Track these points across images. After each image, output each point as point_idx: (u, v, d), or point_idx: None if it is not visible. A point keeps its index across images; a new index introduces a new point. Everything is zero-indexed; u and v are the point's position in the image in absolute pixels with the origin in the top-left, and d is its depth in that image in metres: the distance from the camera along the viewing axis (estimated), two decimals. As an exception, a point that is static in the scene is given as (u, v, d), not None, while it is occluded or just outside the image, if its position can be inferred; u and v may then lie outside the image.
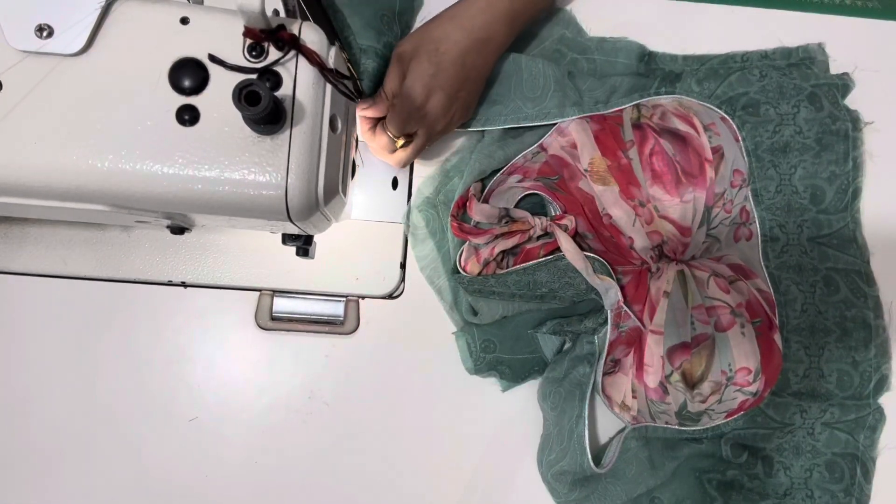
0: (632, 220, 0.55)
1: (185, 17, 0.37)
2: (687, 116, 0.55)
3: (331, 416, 0.55)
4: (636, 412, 0.53)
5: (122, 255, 0.55)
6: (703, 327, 0.50)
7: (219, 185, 0.36)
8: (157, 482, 0.54)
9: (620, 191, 0.54)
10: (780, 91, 0.57)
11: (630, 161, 0.54)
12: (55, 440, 0.54)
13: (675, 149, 0.54)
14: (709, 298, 0.51)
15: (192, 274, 0.56)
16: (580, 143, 0.56)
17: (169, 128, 0.36)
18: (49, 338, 0.55)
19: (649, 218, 0.55)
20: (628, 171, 0.54)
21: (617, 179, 0.55)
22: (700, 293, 0.52)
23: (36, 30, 0.35)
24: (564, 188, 0.56)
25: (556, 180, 0.57)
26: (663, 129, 0.55)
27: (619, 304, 0.52)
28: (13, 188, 0.36)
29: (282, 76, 0.36)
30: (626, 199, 0.55)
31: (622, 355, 0.54)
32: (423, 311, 0.57)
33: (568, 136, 0.56)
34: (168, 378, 0.55)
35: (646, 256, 0.55)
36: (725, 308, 0.50)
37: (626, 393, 0.53)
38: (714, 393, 0.49)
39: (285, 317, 0.56)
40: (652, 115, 0.55)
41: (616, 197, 0.55)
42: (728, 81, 0.57)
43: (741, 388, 0.49)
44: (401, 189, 0.58)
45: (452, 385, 0.56)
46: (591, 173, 0.55)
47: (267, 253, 0.56)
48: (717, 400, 0.50)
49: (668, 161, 0.54)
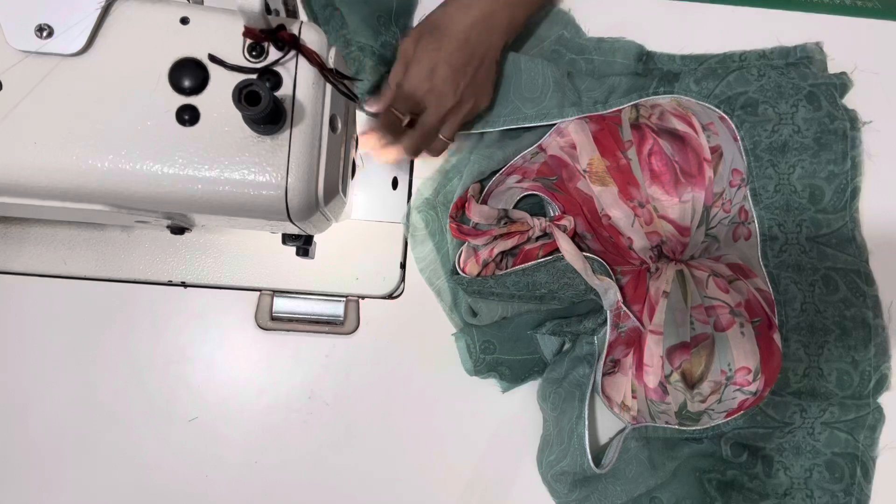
0: (631, 220, 0.55)
1: (185, 17, 0.37)
2: (685, 116, 0.55)
3: (331, 416, 0.55)
4: (636, 412, 0.53)
5: (122, 255, 0.55)
6: (702, 327, 0.50)
7: (219, 185, 0.36)
8: (157, 482, 0.54)
9: (619, 191, 0.55)
10: (779, 90, 0.57)
11: (629, 161, 0.54)
12: (55, 440, 0.54)
13: (674, 148, 0.54)
14: (708, 298, 0.51)
15: (192, 274, 0.56)
16: (579, 143, 0.56)
17: (169, 128, 0.36)
18: (49, 338, 0.55)
19: (648, 218, 0.55)
20: (627, 171, 0.54)
21: (616, 180, 0.55)
22: (699, 293, 0.52)
23: (36, 30, 0.35)
24: (563, 188, 0.56)
25: (555, 181, 0.57)
26: (662, 128, 0.55)
27: (619, 305, 0.52)
28: (13, 188, 0.36)
29: (282, 76, 0.36)
30: (625, 199, 0.55)
31: (622, 355, 0.54)
32: (423, 311, 0.57)
33: (567, 137, 0.56)
34: (168, 378, 0.55)
35: (645, 256, 0.55)
36: (724, 308, 0.50)
37: (625, 393, 0.53)
38: (714, 392, 0.49)
39: (285, 317, 0.56)
40: (650, 115, 0.55)
41: (615, 198, 0.55)
42: (726, 81, 0.57)
43: (741, 388, 0.49)
44: (401, 189, 0.58)
45: (452, 385, 0.56)
46: (589, 174, 0.55)
47: (267, 253, 0.56)
48: (716, 400, 0.50)
49: (667, 161, 0.54)
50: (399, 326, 0.57)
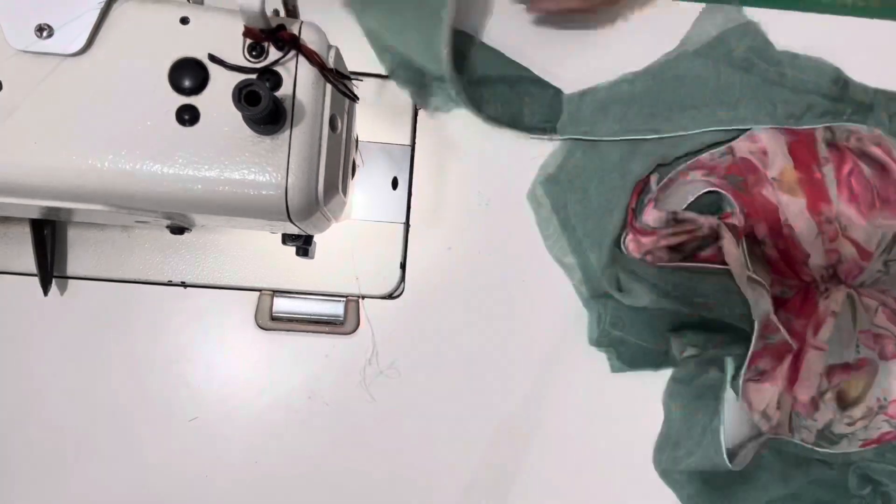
0: (814, 234, 0.54)
1: (185, 17, 0.37)
2: (885, 146, 0.55)
3: (331, 416, 0.55)
4: (776, 423, 0.53)
5: (122, 255, 0.55)
6: (867, 352, 0.50)
7: (219, 185, 0.36)
8: (158, 482, 0.54)
9: (808, 204, 0.54)
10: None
11: (823, 177, 0.54)
12: (55, 440, 0.54)
13: (874, 173, 0.54)
14: (876, 326, 0.52)
15: (192, 274, 0.56)
16: (771, 150, 0.55)
17: (169, 128, 0.36)
18: (49, 338, 0.55)
19: (833, 235, 0.54)
20: (820, 186, 0.54)
21: (806, 193, 0.54)
22: (868, 320, 0.52)
23: (36, 30, 0.35)
24: (747, 191, 0.56)
25: (742, 181, 0.56)
26: (861, 152, 0.55)
27: (769, 317, 0.52)
28: (13, 188, 0.36)
29: (282, 76, 0.36)
30: (813, 213, 0.54)
31: (768, 367, 0.53)
32: (423, 311, 0.57)
33: (759, 143, 0.56)
34: (168, 378, 0.55)
35: (817, 274, 0.55)
36: (891, 338, 0.51)
37: (769, 402, 0.53)
38: (864, 418, 0.50)
39: (285, 317, 0.56)
40: (849, 138, 0.55)
41: (801, 209, 0.54)
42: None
43: (889, 420, 0.49)
44: (401, 189, 0.58)
45: (452, 385, 0.56)
46: (779, 182, 0.55)
47: (267, 253, 0.56)
48: (864, 426, 0.50)
49: (867, 184, 0.54)
50: (399, 326, 0.57)
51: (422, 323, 0.57)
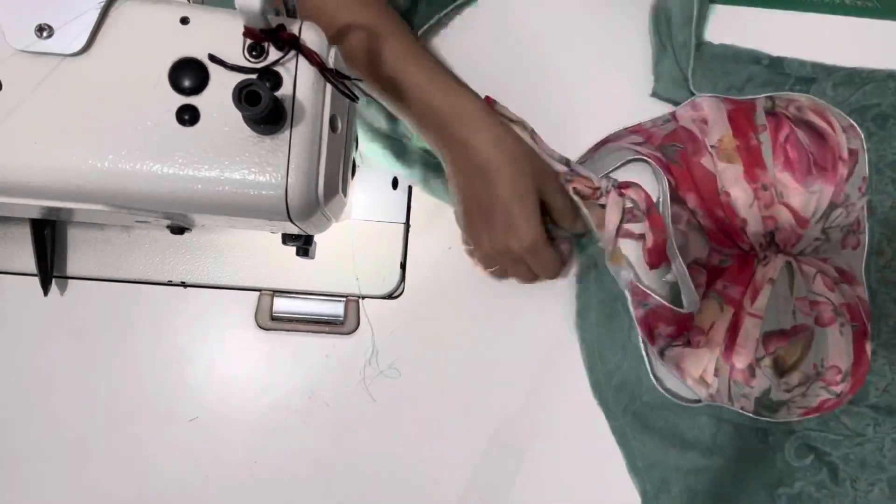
0: (750, 201, 0.55)
1: (185, 17, 0.37)
2: (824, 114, 0.55)
3: (331, 416, 0.55)
4: (714, 391, 0.53)
5: (122, 255, 0.55)
6: (804, 318, 0.51)
7: (219, 185, 0.36)
8: (157, 482, 0.54)
9: (744, 171, 0.55)
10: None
11: (760, 144, 0.55)
12: (55, 440, 0.54)
13: (811, 140, 0.55)
14: (813, 293, 0.52)
15: (192, 274, 0.56)
16: (712, 119, 0.56)
17: (169, 128, 0.36)
18: (49, 338, 0.55)
19: (769, 202, 0.55)
20: (756, 153, 0.55)
21: (743, 160, 0.55)
22: (805, 286, 0.52)
23: (36, 30, 0.34)
24: (684, 162, 0.57)
25: (680, 150, 0.57)
26: (799, 119, 0.55)
27: (632, 283, 0.52)
28: (13, 188, 0.36)
29: (282, 76, 0.36)
30: (749, 180, 0.55)
31: (672, 331, 0.54)
32: (423, 311, 0.57)
33: (701, 111, 0.57)
34: (168, 378, 0.55)
35: (755, 242, 0.55)
36: (828, 305, 0.51)
37: (707, 368, 0.53)
38: (801, 385, 0.50)
39: (285, 317, 0.56)
40: (787, 106, 0.56)
41: (738, 176, 0.55)
42: (863, 90, 0.57)
43: (827, 386, 0.49)
44: (401, 189, 0.58)
45: (452, 385, 0.56)
46: (717, 150, 0.56)
47: (267, 253, 0.56)
48: (801, 393, 0.50)
49: (803, 150, 0.54)
50: (399, 326, 0.57)
51: (422, 323, 0.57)
